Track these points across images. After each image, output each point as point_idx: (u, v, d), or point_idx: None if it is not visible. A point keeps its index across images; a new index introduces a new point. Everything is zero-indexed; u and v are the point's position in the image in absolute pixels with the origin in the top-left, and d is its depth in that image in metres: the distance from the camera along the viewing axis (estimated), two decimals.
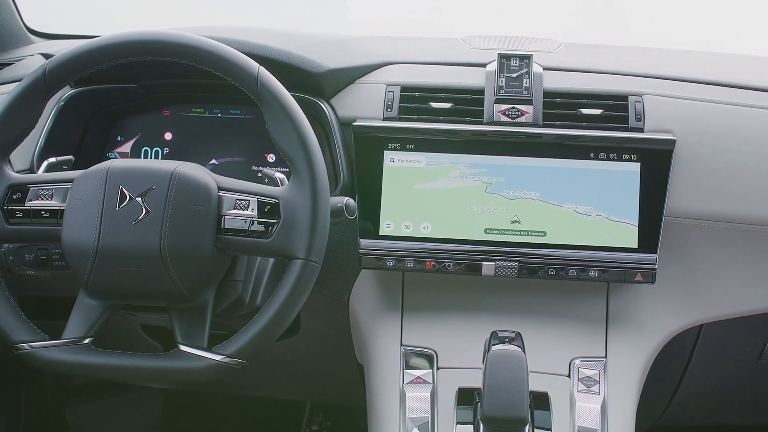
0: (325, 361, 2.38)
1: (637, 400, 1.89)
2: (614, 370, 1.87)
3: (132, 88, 2.09)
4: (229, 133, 2.09)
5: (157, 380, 2.68)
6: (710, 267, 1.95)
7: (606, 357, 1.90)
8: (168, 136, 2.11)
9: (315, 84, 1.97)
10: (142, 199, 1.61)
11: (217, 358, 1.63)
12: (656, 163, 1.87)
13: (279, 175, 1.83)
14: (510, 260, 1.86)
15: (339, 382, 2.49)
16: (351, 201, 1.73)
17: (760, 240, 1.92)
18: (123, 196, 1.61)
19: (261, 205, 1.62)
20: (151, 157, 2.10)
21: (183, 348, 1.66)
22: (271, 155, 2.06)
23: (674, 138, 1.88)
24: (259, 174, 1.92)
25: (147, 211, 1.60)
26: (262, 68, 1.66)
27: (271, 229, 1.61)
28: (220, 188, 1.64)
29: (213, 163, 2.07)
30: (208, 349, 1.65)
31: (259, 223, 1.61)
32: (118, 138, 2.12)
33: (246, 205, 1.62)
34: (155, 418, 3.05)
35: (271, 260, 1.91)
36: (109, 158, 1.79)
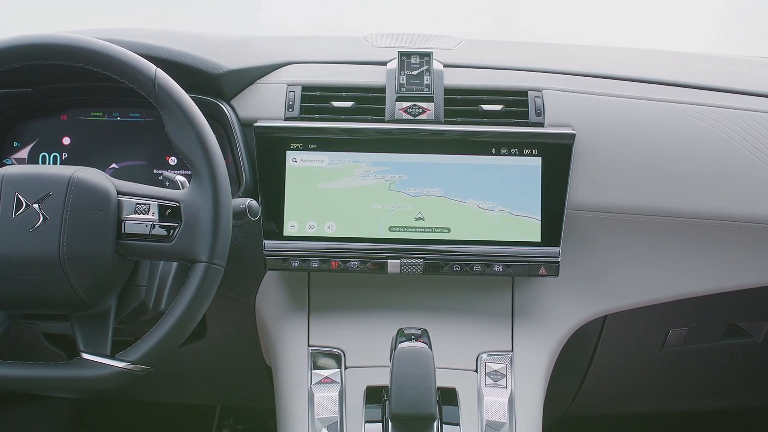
0: (234, 364, 2.37)
1: (544, 392, 1.91)
2: (521, 364, 1.89)
3: (27, 93, 2.04)
4: (129, 136, 2.06)
5: (60, 390, 2.63)
6: (612, 258, 1.98)
7: (512, 350, 1.91)
8: (66, 140, 2.07)
9: (215, 85, 1.95)
10: (39, 206, 1.58)
11: (121, 365, 1.61)
12: (557, 157, 1.89)
13: (180, 178, 1.81)
14: (415, 257, 1.87)
15: (248, 384, 2.48)
16: (254, 202, 1.72)
17: (659, 230, 1.95)
18: (19, 203, 1.58)
19: (162, 209, 1.60)
20: (49, 163, 2.06)
21: (85, 356, 1.64)
22: (173, 158, 2.04)
23: (574, 132, 1.90)
24: (160, 177, 1.90)
25: (44, 218, 1.57)
26: (159, 70, 1.63)
27: (173, 233, 1.59)
28: (119, 192, 1.61)
29: (113, 168, 2.04)
30: (112, 357, 1.62)
31: (160, 227, 1.60)
32: (15, 144, 2.07)
33: (146, 209, 1.60)
34: (62, 428, 2.99)
35: (175, 264, 1.89)
36: (6, 165, 1.75)
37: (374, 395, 1.78)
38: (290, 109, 1.94)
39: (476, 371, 1.87)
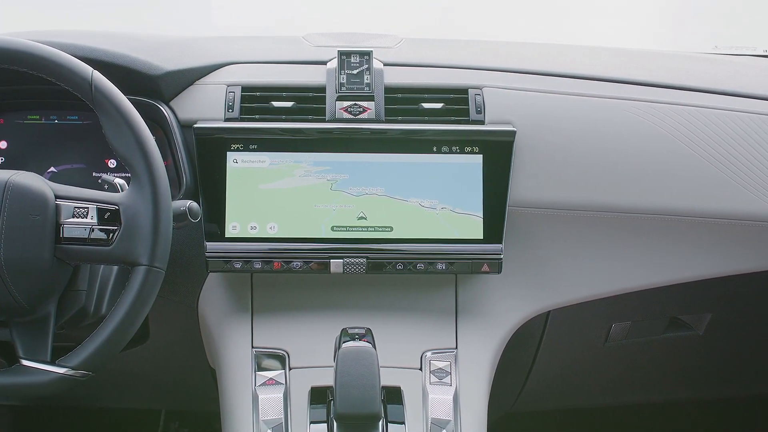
0: (178, 367, 2.35)
1: (489, 389, 1.92)
2: (465, 361, 1.89)
3: None
4: (68, 139, 2.04)
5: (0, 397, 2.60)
6: (554, 254, 2.00)
7: (457, 348, 1.92)
8: (3, 144, 2.04)
9: (153, 86, 1.93)
10: None
11: (61, 371, 1.59)
12: (498, 154, 1.89)
13: (119, 181, 1.79)
14: (358, 256, 1.86)
15: (193, 387, 2.46)
16: (194, 204, 1.71)
17: (601, 226, 1.97)
18: None
19: (101, 212, 1.58)
20: None
21: (25, 363, 1.62)
22: (112, 161, 2.02)
23: (514, 129, 1.91)
24: (99, 180, 1.88)
25: None
26: (96, 72, 1.62)
27: (112, 236, 1.57)
28: (57, 197, 1.59)
29: (52, 171, 2.01)
30: (52, 363, 1.60)
31: (99, 230, 1.58)
32: None
33: (85, 213, 1.59)
34: None
35: (115, 268, 1.87)
36: None
37: (319, 396, 1.78)
38: (230, 110, 1.93)
39: (421, 369, 1.88)
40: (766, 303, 2.33)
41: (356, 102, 1.93)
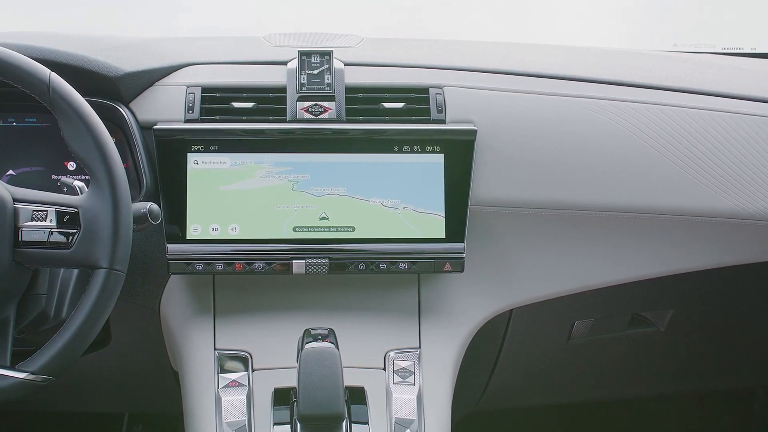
0: (140, 370, 2.33)
1: (453, 388, 1.92)
2: (428, 360, 1.90)
3: None
4: (26, 142, 2.02)
5: None
6: (517, 252, 2.00)
7: (420, 347, 1.92)
8: None
9: (112, 88, 1.92)
10: None
11: (21, 376, 1.57)
12: (459, 153, 1.90)
13: (78, 183, 1.78)
14: (320, 257, 1.86)
15: (156, 390, 2.45)
16: (155, 206, 1.70)
17: (563, 224, 1.98)
18: None
19: (60, 215, 1.57)
20: None
21: None
22: (71, 163, 2.00)
23: (475, 128, 1.91)
24: (59, 183, 1.87)
25: None
26: (53, 74, 1.60)
27: (72, 239, 1.56)
28: (15, 200, 1.58)
29: (10, 174, 1.99)
30: (11, 367, 1.59)
31: (58, 233, 1.57)
32: None
33: (44, 216, 1.57)
34: None
35: (76, 271, 1.85)
36: None
37: (282, 397, 1.77)
38: (190, 111, 1.92)
39: (384, 369, 1.88)
40: (726, 299, 2.35)
41: (317, 102, 1.93)
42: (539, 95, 2.03)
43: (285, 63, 2.01)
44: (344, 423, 1.63)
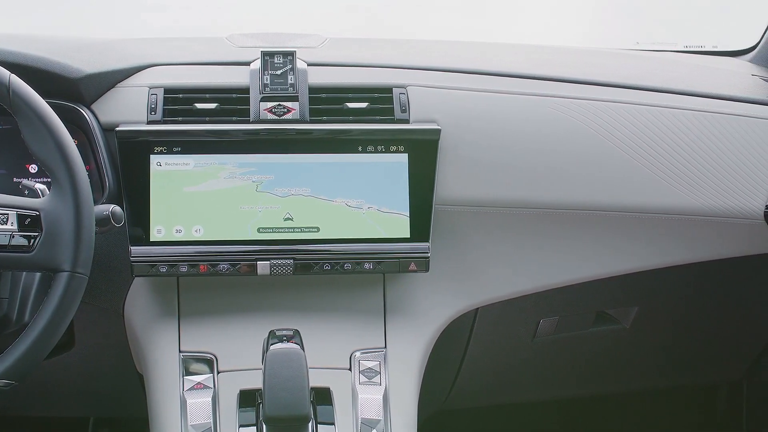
0: (105, 374, 2.32)
1: (419, 387, 1.92)
2: (394, 360, 1.90)
3: None
4: None
5: None
6: (481, 252, 2.01)
7: (386, 347, 1.92)
8: None
9: (73, 90, 1.91)
10: None
11: None
12: (423, 153, 1.90)
13: (40, 186, 1.76)
14: (285, 258, 1.86)
15: (121, 394, 2.43)
16: (117, 208, 1.69)
17: (525, 223, 1.98)
18: None
19: (21, 218, 1.56)
20: None
21: None
22: (33, 166, 1.98)
23: (439, 127, 1.92)
24: (20, 186, 1.85)
25: None
26: (13, 76, 1.59)
27: (34, 243, 1.55)
28: None
29: None
30: None
31: (20, 236, 1.55)
32: None
33: (5, 219, 1.56)
34: None
35: (38, 275, 1.84)
36: None
37: (248, 399, 1.77)
38: (153, 113, 1.91)
39: (350, 369, 1.87)
40: (690, 295, 2.36)
41: (280, 103, 1.92)
42: (503, 94, 2.04)
43: (248, 64, 2.01)
44: (310, 424, 1.63)
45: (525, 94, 2.05)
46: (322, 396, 1.78)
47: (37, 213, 1.56)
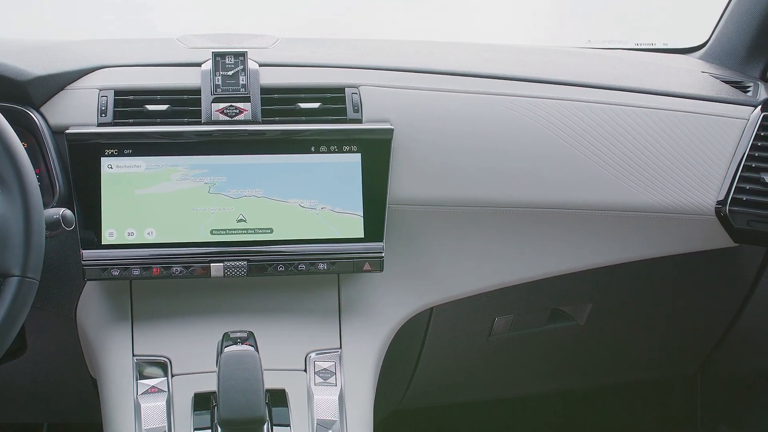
0: (58, 379, 2.29)
1: (374, 387, 1.92)
2: (349, 360, 1.89)
3: None
4: None
5: None
6: (435, 251, 2.01)
7: (341, 347, 1.91)
8: None
9: (21, 92, 1.88)
10: None
11: None
12: (376, 152, 1.90)
13: None
14: (238, 259, 1.85)
15: (74, 399, 2.41)
16: (68, 212, 1.67)
17: (479, 221, 1.99)
18: None
19: None
20: None
21: None
22: None
23: (392, 127, 1.92)
24: None
25: None
26: None
27: None
28: None
29: None
30: None
31: None
32: None
33: None
34: None
35: None
36: None
37: (202, 402, 1.76)
38: (103, 115, 1.89)
39: (305, 371, 1.87)
40: (643, 291, 2.38)
41: (232, 104, 1.91)
42: (456, 93, 2.05)
43: (199, 64, 2.00)
44: (266, 426, 1.62)
45: (477, 92, 2.05)
46: (278, 398, 1.77)
47: None
